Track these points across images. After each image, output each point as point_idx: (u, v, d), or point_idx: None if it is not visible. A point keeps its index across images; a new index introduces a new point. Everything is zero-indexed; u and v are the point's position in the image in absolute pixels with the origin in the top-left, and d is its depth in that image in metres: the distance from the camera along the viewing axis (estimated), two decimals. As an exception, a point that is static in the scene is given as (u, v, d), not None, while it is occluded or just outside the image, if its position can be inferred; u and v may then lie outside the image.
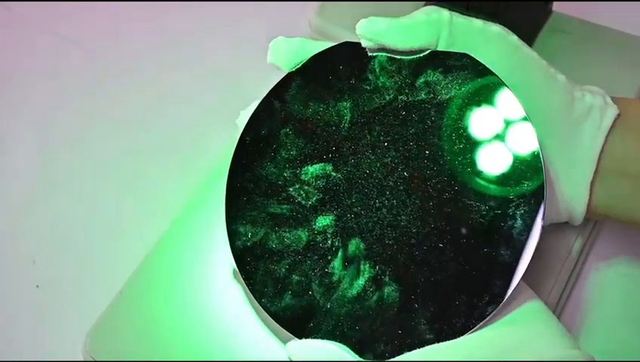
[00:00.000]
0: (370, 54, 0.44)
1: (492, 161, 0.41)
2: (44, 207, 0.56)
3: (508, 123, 0.41)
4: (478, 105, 0.42)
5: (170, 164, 0.57)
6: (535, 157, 0.40)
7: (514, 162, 0.41)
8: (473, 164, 0.41)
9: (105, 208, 0.56)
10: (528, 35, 0.53)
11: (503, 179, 0.41)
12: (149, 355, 0.44)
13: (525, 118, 0.41)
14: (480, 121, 0.42)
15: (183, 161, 0.57)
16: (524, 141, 0.41)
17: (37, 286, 0.52)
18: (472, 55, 0.42)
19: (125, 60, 0.63)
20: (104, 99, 0.61)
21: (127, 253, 0.50)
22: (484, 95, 0.42)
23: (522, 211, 0.40)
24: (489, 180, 0.41)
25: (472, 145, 0.41)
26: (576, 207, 0.42)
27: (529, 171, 0.40)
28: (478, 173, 0.41)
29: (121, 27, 0.65)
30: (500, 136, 0.41)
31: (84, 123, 0.60)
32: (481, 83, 0.42)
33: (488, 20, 0.42)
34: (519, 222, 0.40)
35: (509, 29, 0.42)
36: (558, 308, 0.45)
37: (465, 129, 0.42)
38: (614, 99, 0.42)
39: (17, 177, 0.58)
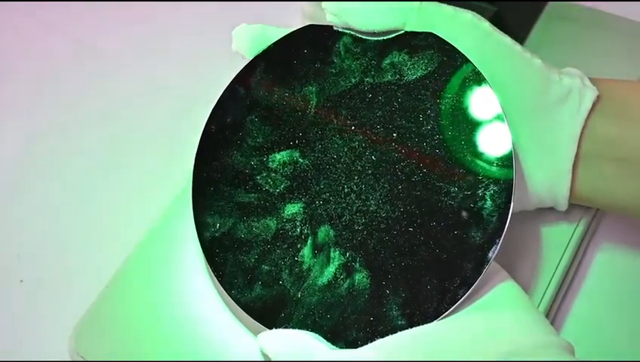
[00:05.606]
0: (335, 31, 0.43)
1: (460, 142, 0.40)
2: (28, 199, 0.55)
3: (475, 102, 0.40)
4: (445, 85, 0.41)
5: (157, 155, 0.56)
6: (503, 136, 0.40)
7: (482, 142, 0.40)
8: (441, 145, 0.40)
9: (90, 201, 0.54)
10: (526, 23, 0.52)
11: (471, 160, 0.40)
12: (137, 352, 0.43)
13: (493, 97, 0.40)
14: (447, 102, 0.41)
15: (169, 153, 0.55)
16: (493, 121, 0.40)
17: (21, 280, 0.51)
18: None
19: (111, 51, 0.62)
20: (90, 89, 0.60)
21: (114, 246, 0.48)
22: (450, 74, 0.41)
23: (492, 191, 0.39)
24: (457, 161, 0.40)
25: (440, 126, 0.41)
26: (558, 192, 0.41)
27: (498, 151, 0.40)
28: (447, 155, 0.40)
29: (108, 18, 0.64)
30: (467, 116, 0.40)
31: (66, 114, 0.59)
32: (447, 62, 0.41)
33: (475, 7, 0.41)
34: (489, 202, 0.39)
35: (507, 16, 0.41)
36: (557, 302, 0.44)
37: (432, 110, 0.41)
38: (593, 81, 0.41)
39: (0, 169, 0.56)
